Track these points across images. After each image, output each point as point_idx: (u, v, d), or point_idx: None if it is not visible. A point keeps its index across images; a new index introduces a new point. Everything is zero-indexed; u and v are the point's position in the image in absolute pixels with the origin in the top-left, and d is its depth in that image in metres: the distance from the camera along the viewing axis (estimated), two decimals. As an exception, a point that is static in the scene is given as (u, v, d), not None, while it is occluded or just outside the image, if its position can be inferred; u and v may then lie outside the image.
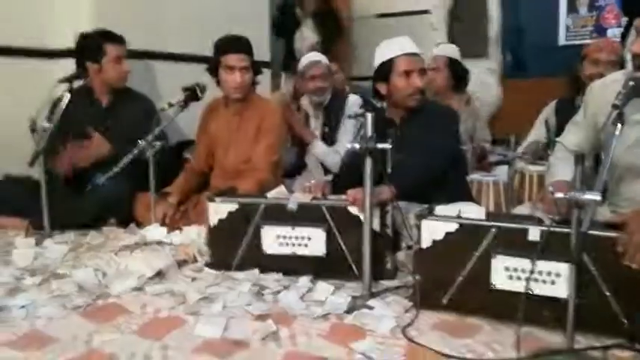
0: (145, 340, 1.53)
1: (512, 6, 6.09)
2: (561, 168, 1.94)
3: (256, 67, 2.76)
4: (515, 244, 1.57)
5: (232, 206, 2.04)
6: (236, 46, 2.69)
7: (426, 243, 1.68)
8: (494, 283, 1.59)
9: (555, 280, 1.51)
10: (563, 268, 1.48)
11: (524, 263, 1.54)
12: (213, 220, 2.06)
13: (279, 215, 1.99)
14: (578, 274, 1.38)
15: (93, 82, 2.95)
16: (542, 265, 1.52)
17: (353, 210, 1.93)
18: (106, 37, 2.91)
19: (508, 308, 1.53)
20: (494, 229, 1.60)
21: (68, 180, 2.82)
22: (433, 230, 1.67)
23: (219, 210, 2.05)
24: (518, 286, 1.54)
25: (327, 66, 3.31)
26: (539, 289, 1.53)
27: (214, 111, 2.86)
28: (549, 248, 1.50)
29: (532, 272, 1.51)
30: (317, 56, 3.37)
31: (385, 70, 2.34)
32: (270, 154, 2.73)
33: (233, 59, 2.66)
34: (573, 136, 2.04)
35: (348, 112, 3.17)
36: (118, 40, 2.94)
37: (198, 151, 2.94)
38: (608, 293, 1.48)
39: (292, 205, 1.98)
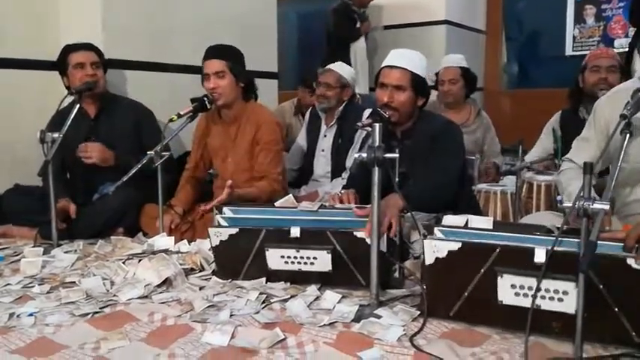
0: (152, 347, 1.53)
1: (519, 16, 6.11)
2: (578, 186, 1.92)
3: (242, 75, 2.73)
4: (521, 262, 1.53)
5: (233, 230, 1.99)
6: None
7: (429, 260, 1.66)
8: (501, 299, 1.57)
9: (563, 297, 1.48)
10: (571, 286, 1.46)
11: (531, 281, 1.51)
12: (215, 242, 2.02)
13: (282, 239, 1.94)
14: (587, 285, 1.37)
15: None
16: (550, 283, 1.49)
17: (360, 234, 1.86)
18: (69, 48, 2.91)
19: (516, 320, 1.52)
20: (498, 248, 1.57)
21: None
22: (436, 249, 1.64)
23: (219, 233, 2.00)
24: (526, 302, 1.51)
25: (338, 77, 3.31)
26: (547, 306, 1.50)
27: (210, 121, 2.86)
28: (557, 266, 1.46)
29: (538, 290, 1.48)
30: (334, 65, 3.42)
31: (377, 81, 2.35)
32: (277, 166, 2.75)
33: None
34: (585, 153, 1.98)
35: None
36: (79, 47, 2.90)
37: (194, 159, 2.92)
38: (616, 309, 1.45)
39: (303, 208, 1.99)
